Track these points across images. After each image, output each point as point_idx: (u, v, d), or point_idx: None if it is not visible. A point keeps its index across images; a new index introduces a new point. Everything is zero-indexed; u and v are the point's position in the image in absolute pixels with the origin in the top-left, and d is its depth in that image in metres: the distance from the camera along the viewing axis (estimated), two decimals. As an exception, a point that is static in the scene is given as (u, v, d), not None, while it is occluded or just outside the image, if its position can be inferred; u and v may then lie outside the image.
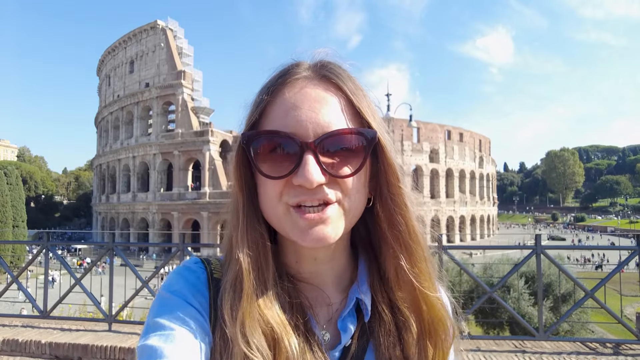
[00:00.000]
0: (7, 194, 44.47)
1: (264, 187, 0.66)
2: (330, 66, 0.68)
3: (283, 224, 0.65)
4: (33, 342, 4.57)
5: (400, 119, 49.52)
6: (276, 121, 0.65)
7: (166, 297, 0.65)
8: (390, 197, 0.68)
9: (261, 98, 0.67)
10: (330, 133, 0.62)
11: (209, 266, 0.71)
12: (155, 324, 0.61)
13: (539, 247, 4.62)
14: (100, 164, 65.51)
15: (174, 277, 0.69)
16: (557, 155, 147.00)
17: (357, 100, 0.66)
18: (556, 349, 4.55)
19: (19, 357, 4.57)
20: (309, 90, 0.65)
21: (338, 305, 0.72)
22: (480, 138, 74.97)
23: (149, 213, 53.03)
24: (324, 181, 0.62)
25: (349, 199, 0.65)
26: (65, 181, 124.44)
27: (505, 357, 4.29)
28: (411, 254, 0.68)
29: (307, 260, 0.70)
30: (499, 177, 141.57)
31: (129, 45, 62.40)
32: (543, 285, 9.37)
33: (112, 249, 5.19)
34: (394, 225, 0.68)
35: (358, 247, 0.77)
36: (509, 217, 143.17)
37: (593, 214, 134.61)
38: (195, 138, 50.13)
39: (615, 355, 4.34)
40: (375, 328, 0.70)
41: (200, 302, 0.65)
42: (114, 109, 62.01)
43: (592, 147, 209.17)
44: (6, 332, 4.93)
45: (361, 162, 0.64)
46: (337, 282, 0.73)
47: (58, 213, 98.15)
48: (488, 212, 74.79)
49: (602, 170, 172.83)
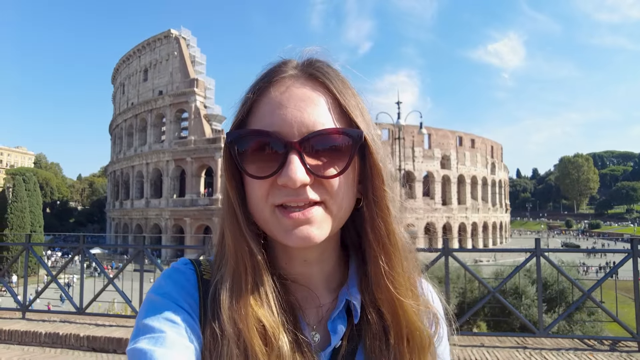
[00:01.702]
0: (26, 199, 45.49)
1: (250, 187, 0.65)
2: (318, 64, 0.67)
3: (269, 225, 0.64)
4: (72, 335, 4.83)
5: (411, 125, 49.45)
6: (262, 120, 0.64)
7: (155, 300, 0.64)
8: (374, 200, 0.66)
9: (247, 97, 0.67)
10: (315, 132, 0.61)
11: (198, 267, 0.71)
12: (145, 326, 0.60)
13: (538, 249, 4.93)
14: (114, 171, 66.51)
15: (163, 280, 0.68)
16: (571, 161, 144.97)
17: (345, 99, 0.65)
18: (556, 345, 4.78)
19: (59, 349, 4.83)
20: (295, 89, 0.64)
21: (328, 307, 0.71)
22: (492, 144, 74.40)
23: (162, 219, 53.56)
24: (308, 181, 0.61)
25: (335, 200, 0.64)
26: (79, 187, 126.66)
27: (507, 352, 4.51)
28: (389, 258, 0.67)
29: (296, 262, 0.69)
30: (511, 183, 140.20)
31: (143, 54, 63.52)
32: (556, 292, 9.44)
33: (142, 251, 5.36)
34: (374, 227, 0.67)
35: (349, 249, 0.76)
36: (522, 224, 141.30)
37: (608, 220, 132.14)
38: (208, 145, 50.66)
39: (611, 351, 4.58)
40: (363, 331, 0.69)
41: (190, 303, 0.65)
42: (128, 117, 63.01)
43: (607, 153, 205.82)
44: (47, 326, 5.23)
45: (347, 162, 0.63)
46: (327, 283, 0.73)
47: (72, 219, 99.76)
48: (500, 218, 73.94)
49: (617, 177, 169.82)
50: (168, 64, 58.57)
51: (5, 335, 5.26)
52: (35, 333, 5.08)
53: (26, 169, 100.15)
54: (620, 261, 4.83)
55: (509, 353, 4.44)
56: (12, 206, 44.55)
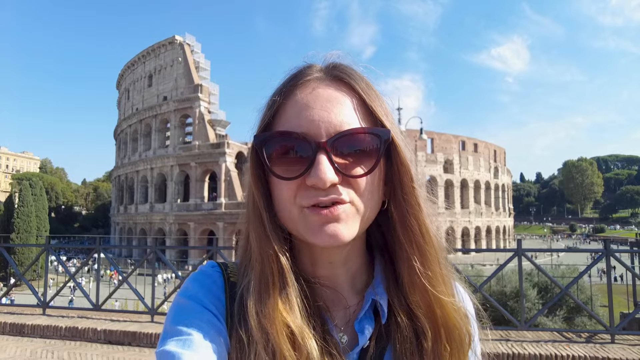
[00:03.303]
0: (32, 204, 46.08)
1: (278, 189, 0.65)
2: (342, 67, 0.69)
3: (297, 225, 0.64)
4: (90, 329, 5.28)
5: (414, 129, 49.83)
6: (289, 122, 0.64)
7: (183, 303, 0.65)
8: (404, 198, 0.67)
9: (274, 100, 0.67)
10: (343, 132, 0.62)
11: (225, 270, 0.72)
12: (173, 329, 0.62)
13: (519, 249, 5.27)
14: (119, 175, 67.13)
15: (190, 282, 0.69)
16: (575, 165, 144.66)
17: (370, 99, 0.66)
18: (536, 338, 5.15)
19: (78, 342, 5.26)
20: (321, 90, 0.65)
21: (355, 307, 0.71)
22: (495, 148, 74.60)
23: (166, 223, 54.03)
24: (337, 181, 0.61)
25: (362, 199, 0.64)
26: (84, 192, 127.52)
27: (491, 344, 4.87)
28: (424, 256, 0.67)
29: (322, 264, 0.70)
30: (515, 187, 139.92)
31: (148, 60, 64.29)
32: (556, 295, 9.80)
33: (155, 252, 5.78)
34: (407, 226, 0.67)
35: (374, 251, 0.77)
36: (526, 228, 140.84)
37: (613, 224, 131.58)
38: (212, 150, 51.17)
39: (586, 343, 4.95)
40: (392, 333, 0.69)
41: (217, 306, 0.66)
42: (133, 122, 63.66)
43: (612, 157, 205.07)
44: (67, 321, 5.68)
45: (374, 162, 0.64)
46: (352, 285, 0.73)
47: (77, 223, 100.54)
48: (504, 222, 73.95)
49: (622, 180, 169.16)
50: (172, 70, 59.26)
51: (28, 330, 5.72)
52: (56, 327, 5.55)
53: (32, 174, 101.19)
54: (594, 261, 5.20)
55: (493, 345, 4.79)
56: (18, 211, 45.14)
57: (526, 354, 4.56)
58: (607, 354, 4.49)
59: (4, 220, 46.03)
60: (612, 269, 5.14)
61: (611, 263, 4.99)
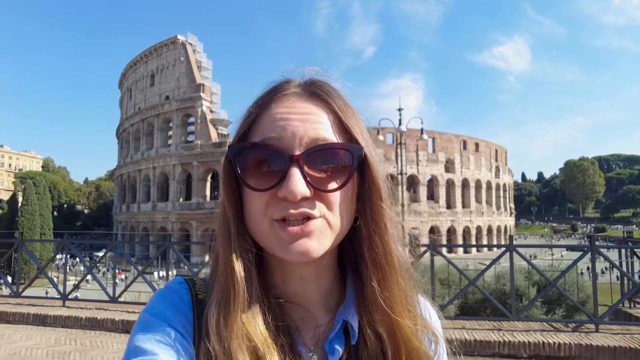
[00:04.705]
0: (36, 202, 46.49)
1: (250, 200, 0.65)
2: (320, 84, 0.69)
3: (267, 239, 0.64)
4: (108, 319, 5.68)
5: (415, 129, 50.13)
6: (263, 134, 0.65)
7: (148, 320, 0.63)
8: (371, 216, 0.67)
9: (250, 111, 0.68)
10: (316, 147, 0.62)
11: (193, 287, 0.70)
12: (137, 348, 0.59)
13: (511, 245, 5.65)
14: (121, 174, 67.57)
15: (156, 299, 0.67)
16: (576, 165, 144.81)
17: (346, 117, 0.67)
18: (526, 327, 5.52)
19: (98, 331, 5.66)
20: (298, 104, 0.66)
21: (325, 327, 0.70)
22: (496, 148, 74.83)
23: (168, 222, 54.46)
24: (308, 194, 0.61)
25: (334, 214, 0.64)
26: (86, 191, 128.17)
27: (484, 333, 5.25)
28: (384, 277, 0.67)
29: (293, 280, 0.69)
30: (516, 187, 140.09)
31: (150, 59, 64.66)
32: (557, 294, 10.13)
33: (169, 247, 6.17)
34: (371, 245, 0.67)
35: (346, 267, 0.76)
36: (527, 227, 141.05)
37: (615, 224, 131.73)
38: (214, 149, 51.54)
39: (573, 332, 5.32)
40: (360, 352, 0.68)
41: (183, 324, 0.64)
42: (135, 121, 64.07)
43: (614, 157, 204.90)
44: (86, 312, 6.08)
45: (347, 177, 0.64)
46: (323, 302, 0.72)
47: (79, 222, 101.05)
48: (505, 222, 74.22)
49: (623, 180, 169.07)
50: (175, 69, 59.64)
51: (51, 320, 6.15)
52: (77, 318, 5.97)
53: (35, 173, 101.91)
54: (579, 257, 5.57)
55: (485, 334, 5.17)
56: (22, 209, 45.57)
57: (516, 341, 4.92)
58: (590, 341, 4.85)
59: (8, 219, 46.54)
60: (611, 267, 5.41)
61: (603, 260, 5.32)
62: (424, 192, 59.30)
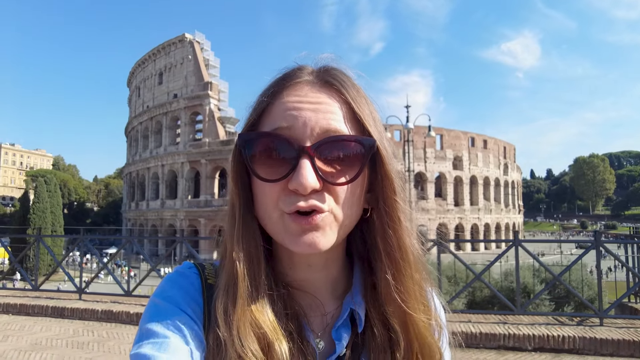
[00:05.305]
0: (47, 200, 47.21)
1: (260, 191, 0.64)
2: (334, 72, 0.67)
3: (276, 229, 0.63)
4: (124, 312, 5.91)
5: (423, 126, 49.91)
6: (274, 123, 0.63)
7: (159, 304, 0.63)
8: (385, 210, 0.66)
9: (261, 100, 0.67)
10: (328, 139, 0.61)
11: (202, 271, 0.70)
12: (148, 331, 0.60)
13: (516, 240, 5.74)
14: (130, 172, 68.29)
15: (167, 284, 0.67)
16: (586, 162, 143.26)
17: (359, 107, 0.65)
18: (531, 321, 5.61)
19: (114, 323, 5.88)
20: (310, 94, 0.64)
21: (332, 314, 0.70)
22: (504, 145, 74.33)
23: (177, 219, 54.97)
24: (318, 187, 0.60)
25: (343, 207, 0.63)
26: (95, 189, 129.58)
27: (489, 326, 5.37)
28: (398, 271, 0.66)
29: (300, 267, 0.69)
30: (525, 184, 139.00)
31: (158, 57, 65.16)
32: (565, 291, 10.17)
33: (181, 242, 6.34)
34: (385, 238, 0.66)
35: (354, 258, 0.75)
36: (536, 225, 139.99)
37: (625, 222, 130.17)
38: (222, 147, 51.85)
39: (577, 325, 5.40)
40: (367, 341, 0.69)
41: (194, 308, 0.64)
42: (144, 119, 64.64)
43: (624, 153, 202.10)
44: (101, 305, 6.31)
45: (358, 170, 0.62)
46: (331, 290, 0.72)
47: (89, 219, 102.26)
48: (513, 219, 73.76)
49: (635, 177, 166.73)
50: (182, 68, 60.04)
51: (68, 312, 6.41)
52: (93, 310, 6.21)
53: (45, 171, 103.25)
54: (583, 252, 5.65)
55: (491, 327, 5.28)
56: (34, 207, 46.32)
57: (521, 334, 5.02)
58: (594, 334, 4.93)
59: (20, 216, 47.33)
60: (619, 264, 5.47)
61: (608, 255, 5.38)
62: (431, 189, 59.13)
